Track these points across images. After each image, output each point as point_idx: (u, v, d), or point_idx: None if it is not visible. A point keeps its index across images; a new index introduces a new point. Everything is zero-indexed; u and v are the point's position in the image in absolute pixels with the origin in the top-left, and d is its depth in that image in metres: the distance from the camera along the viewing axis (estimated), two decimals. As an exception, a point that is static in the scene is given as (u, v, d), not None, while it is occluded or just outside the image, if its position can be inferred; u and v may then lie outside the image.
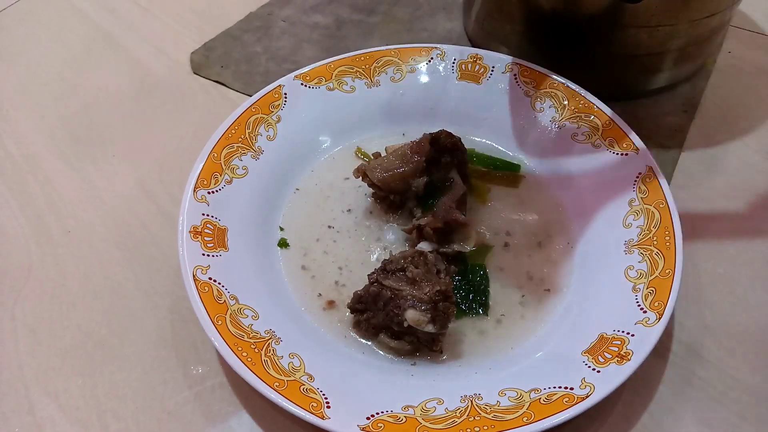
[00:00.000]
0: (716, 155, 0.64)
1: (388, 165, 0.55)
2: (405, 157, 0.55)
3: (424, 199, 0.55)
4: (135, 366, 0.49)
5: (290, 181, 0.59)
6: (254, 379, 0.41)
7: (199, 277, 0.47)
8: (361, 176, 0.56)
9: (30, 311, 0.52)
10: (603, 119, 0.59)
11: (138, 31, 0.81)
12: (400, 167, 0.54)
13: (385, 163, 0.55)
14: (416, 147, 0.55)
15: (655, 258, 0.48)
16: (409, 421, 0.41)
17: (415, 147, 0.55)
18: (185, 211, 0.51)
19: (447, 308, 0.45)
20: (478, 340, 0.48)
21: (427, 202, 0.54)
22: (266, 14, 0.82)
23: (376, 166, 0.55)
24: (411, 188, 0.55)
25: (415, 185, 0.54)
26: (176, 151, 0.65)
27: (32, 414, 0.46)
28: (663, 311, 0.45)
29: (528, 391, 0.43)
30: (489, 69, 0.64)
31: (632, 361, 0.42)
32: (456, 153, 0.56)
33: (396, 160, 0.55)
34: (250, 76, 0.73)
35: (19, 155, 0.65)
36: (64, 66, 0.76)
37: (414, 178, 0.54)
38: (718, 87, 0.70)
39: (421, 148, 0.54)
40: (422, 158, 0.54)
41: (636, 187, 0.53)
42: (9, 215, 0.60)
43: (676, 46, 0.63)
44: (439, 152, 0.55)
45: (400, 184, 0.55)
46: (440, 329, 0.45)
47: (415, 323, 0.45)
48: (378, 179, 0.55)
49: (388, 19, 0.81)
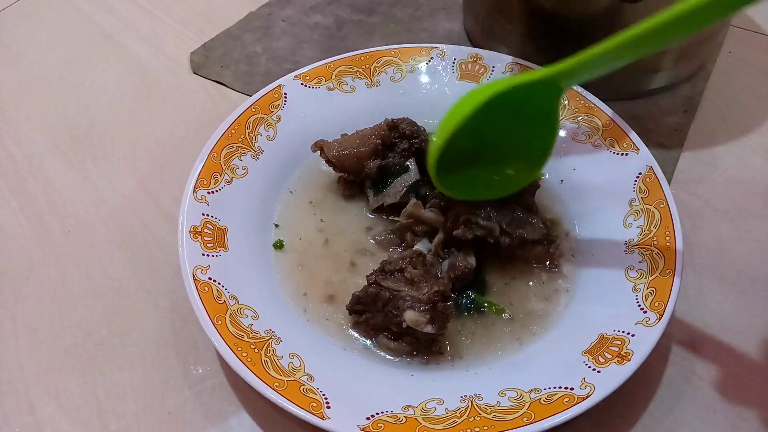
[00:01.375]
0: (716, 155, 0.64)
1: (346, 144, 0.56)
2: (364, 139, 0.56)
3: (377, 182, 0.56)
4: (135, 366, 0.49)
5: (290, 181, 0.59)
6: (254, 379, 0.41)
7: (199, 277, 0.47)
8: (319, 150, 0.57)
9: (30, 311, 0.52)
10: (603, 119, 0.58)
11: (138, 31, 0.81)
12: (358, 147, 0.56)
13: (345, 142, 0.56)
14: (376, 130, 0.56)
15: (655, 258, 0.48)
16: (409, 421, 0.41)
17: (375, 130, 0.56)
18: (185, 211, 0.51)
19: (446, 309, 0.45)
20: (479, 341, 0.48)
21: (379, 186, 0.56)
22: (266, 14, 0.82)
23: (334, 143, 0.57)
24: (365, 170, 0.56)
25: (368, 167, 0.55)
26: (176, 151, 0.65)
27: (33, 413, 0.46)
28: (663, 311, 0.45)
29: (528, 391, 0.43)
30: (489, 69, 0.64)
31: (632, 362, 0.42)
32: (414, 140, 0.56)
33: (356, 140, 0.56)
34: (250, 76, 0.73)
35: (20, 155, 0.65)
36: (64, 66, 0.76)
37: (368, 160, 0.55)
38: (719, 87, 0.70)
39: (380, 131, 0.56)
40: (379, 141, 0.55)
41: (636, 186, 0.53)
42: (9, 215, 0.60)
43: (676, 46, 0.63)
44: (398, 138, 0.56)
45: (355, 164, 0.56)
46: (439, 330, 0.45)
47: (414, 324, 0.45)
48: (333, 155, 0.56)
49: (388, 19, 0.81)
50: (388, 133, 0.56)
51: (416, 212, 0.53)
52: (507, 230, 0.50)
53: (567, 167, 0.58)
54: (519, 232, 0.50)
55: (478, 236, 0.50)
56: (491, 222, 0.50)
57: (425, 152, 0.56)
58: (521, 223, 0.51)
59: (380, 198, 0.56)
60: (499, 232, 0.50)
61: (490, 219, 0.50)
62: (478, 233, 0.50)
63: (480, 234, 0.50)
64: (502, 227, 0.50)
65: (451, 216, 0.52)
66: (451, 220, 0.51)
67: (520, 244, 0.51)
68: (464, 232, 0.50)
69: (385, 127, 0.56)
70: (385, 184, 0.56)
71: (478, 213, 0.50)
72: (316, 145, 0.57)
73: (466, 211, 0.50)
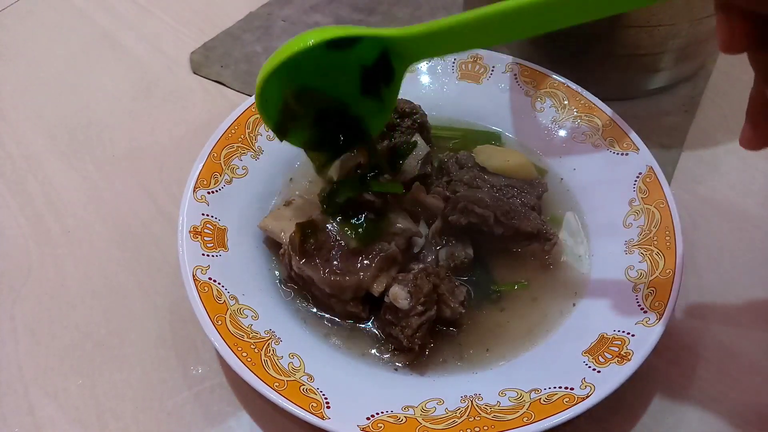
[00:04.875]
0: (717, 155, 0.64)
1: None
2: None
3: (391, 162, 0.56)
4: (135, 366, 0.49)
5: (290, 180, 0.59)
6: (254, 380, 0.41)
7: (198, 277, 0.47)
8: None
9: (29, 311, 0.52)
10: (603, 119, 0.58)
11: (138, 31, 0.81)
12: None
13: None
14: None
15: (655, 258, 0.48)
16: (409, 421, 0.41)
17: None
18: (185, 211, 0.51)
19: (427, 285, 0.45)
20: (479, 341, 0.48)
21: (393, 165, 0.55)
22: (266, 14, 0.82)
23: None
24: None
25: (379, 148, 0.55)
26: (176, 151, 0.65)
27: (32, 414, 0.46)
28: (663, 311, 0.45)
29: (528, 391, 0.43)
30: (489, 69, 0.64)
31: (632, 362, 0.42)
32: (415, 116, 0.57)
33: None
34: (249, 75, 0.73)
35: (19, 155, 0.65)
36: (64, 66, 0.76)
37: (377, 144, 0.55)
38: (719, 86, 0.70)
39: None
40: None
41: (636, 186, 0.53)
42: (8, 215, 0.59)
43: (677, 46, 0.63)
44: (398, 118, 0.57)
45: None
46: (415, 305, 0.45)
47: (393, 298, 0.45)
48: None
49: (388, 18, 0.81)
50: None
51: (419, 197, 0.53)
52: (501, 219, 0.50)
53: (567, 167, 0.58)
54: (513, 222, 0.50)
55: (472, 222, 0.50)
56: (487, 210, 0.50)
57: (426, 125, 0.58)
58: (516, 215, 0.51)
59: (400, 176, 0.56)
60: (492, 221, 0.50)
61: (487, 208, 0.50)
62: (472, 220, 0.50)
63: (474, 221, 0.50)
64: (497, 216, 0.50)
65: (450, 203, 0.52)
66: (450, 207, 0.51)
67: (514, 236, 0.51)
68: (458, 218, 0.50)
69: None
70: (400, 163, 0.56)
71: (477, 201, 0.50)
72: None
73: (464, 199, 0.50)
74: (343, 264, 0.48)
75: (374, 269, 0.47)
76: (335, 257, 0.48)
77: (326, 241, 0.48)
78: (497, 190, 0.54)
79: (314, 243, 0.48)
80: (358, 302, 0.48)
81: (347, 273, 0.47)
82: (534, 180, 0.56)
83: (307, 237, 0.48)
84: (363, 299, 0.48)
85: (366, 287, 0.47)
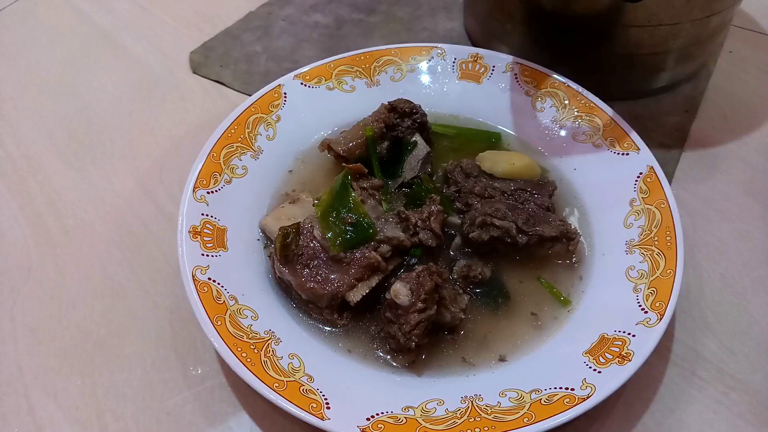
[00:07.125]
0: (717, 155, 0.63)
1: (351, 136, 0.57)
2: (367, 126, 0.57)
3: (390, 162, 0.57)
4: (134, 366, 0.48)
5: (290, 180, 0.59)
6: (254, 380, 0.41)
7: (198, 277, 0.47)
8: (326, 149, 0.57)
9: (29, 311, 0.52)
10: (604, 119, 0.58)
11: (137, 31, 0.81)
12: (363, 137, 0.57)
13: (349, 134, 0.58)
14: (376, 115, 0.58)
15: (656, 258, 0.48)
16: (409, 422, 0.41)
17: (375, 115, 0.58)
18: (184, 211, 0.51)
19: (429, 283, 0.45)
20: (479, 341, 0.48)
21: (395, 166, 0.57)
22: (266, 14, 0.82)
23: (339, 139, 0.58)
24: None
25: (378, 149, 0.56)
26: (176, 151, 0.65)
27: (31, 414, 0.46)
28: (664, 312, 0.44)
29: (529, 391, 0.42)
30: (489, 68, 0.64)
31: (633, 362, 0.42)
32: (415, 116, 0.58)
33: (358, 131, 0.57)
34: (249, 75, 0.73)
35: (19, 155, 0.65)
36: (64, 66, 0.76)
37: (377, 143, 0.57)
38: (720, 87, 0.70)
39: (380, 115, 0.57)
40: (382, 124, 0.57)
41: (637, 186, 0.53)
42: (9, 215, 0.59)
43: (677, 46, 0.63)
44: (398, 117, 0.58)
45: (365, 150, 0.57)
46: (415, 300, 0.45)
47: (394, 294, 0.45)
48: (343, 150, 0.57)
49: (388, 18, 0.81)
50: (388, 115, 0.57)
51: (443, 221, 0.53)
52: (523, 228, 0.50)
53: (568, 167, 0.58)
54: (536, 230, 0.50)
55: (495, 237, 0.50)
56: (507, 222, 0.50)
57: (426, 125, 0.59)
58: (538, 221, 0.51)
59: (402, 176, 0.57)
60: (515, 231, 0.50)
61: (505, 218, 0.50)
62: (494, 234, 0.50)
63: (496, 235, 0.50)
64: (518, 226, 0.50)
65: (467, 218, 0.51)
66: (468, 223, 0.51)
67: (539, 242, 0.50)
68: (480, 234, 0.50)
69: (384, 111, 0.58)
70: (401, 165, 0.57)
71: (494, 213, 0.50)
72: (323, 144, 0.58)
73: (482, 213, 0.50)
74: (322, 271, 0.48)
75: (351, 278, 0.47)
76: (314, 264, 0.48)
77: (307, 247, 0.48)
78: (509, 195, 0.54)
79: (295, 248, 0.48)
80: (334, 310, 0.48)
81: (324, 281, 0.47)
82: (541, 179, 0.56)
83: (289, 243, 0.48)
84: (340, 306, 0.48)
85: (341, 296, 0.47)
